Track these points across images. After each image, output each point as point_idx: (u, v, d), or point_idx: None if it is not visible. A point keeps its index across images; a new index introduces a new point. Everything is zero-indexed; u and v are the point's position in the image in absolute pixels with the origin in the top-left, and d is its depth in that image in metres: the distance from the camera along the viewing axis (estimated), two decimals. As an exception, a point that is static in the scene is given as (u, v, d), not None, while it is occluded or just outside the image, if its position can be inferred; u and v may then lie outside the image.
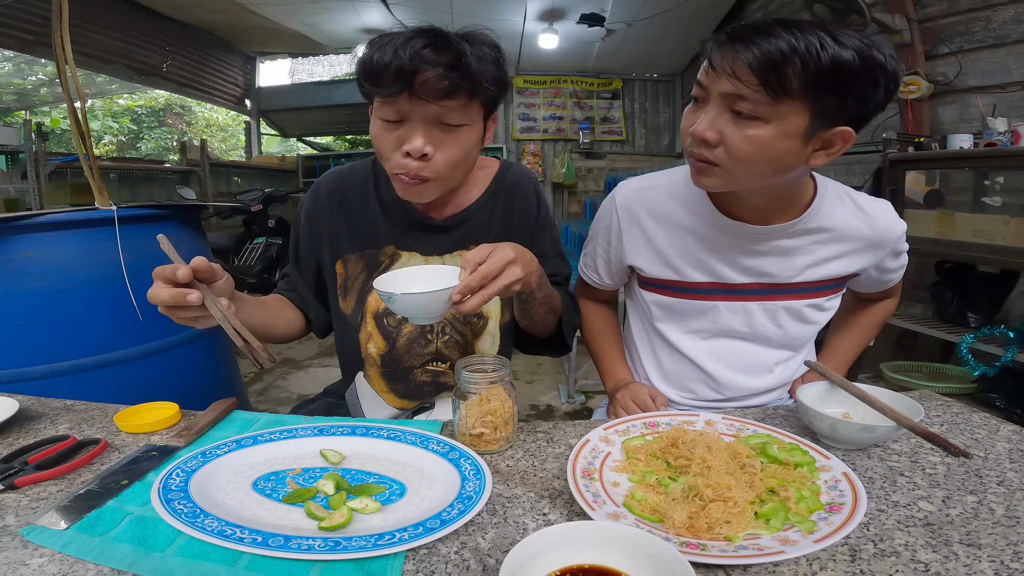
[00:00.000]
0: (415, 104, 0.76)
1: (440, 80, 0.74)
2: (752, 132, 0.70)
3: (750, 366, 0.99)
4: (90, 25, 3.98)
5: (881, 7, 2.68)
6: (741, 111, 0.70)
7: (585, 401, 3.04)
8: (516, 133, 6.43)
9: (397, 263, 0.96)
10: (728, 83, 0.69)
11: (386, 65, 0.74)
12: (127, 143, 8.41)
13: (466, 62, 0.75)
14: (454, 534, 0.57)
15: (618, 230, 0.98)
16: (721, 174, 0.76)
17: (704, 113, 0.74)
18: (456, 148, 0.81)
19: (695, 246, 0.93)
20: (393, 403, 1.01)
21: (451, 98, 0.76)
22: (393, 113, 0.78)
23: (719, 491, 0.58)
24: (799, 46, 0.64)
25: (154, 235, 0.78)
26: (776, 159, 0.72)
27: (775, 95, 0.67)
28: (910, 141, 2.43)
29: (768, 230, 0.88)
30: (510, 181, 1.00)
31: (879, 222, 0.91)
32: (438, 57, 0.74)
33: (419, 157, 0.79)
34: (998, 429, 0.80)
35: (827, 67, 0.65)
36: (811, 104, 0.68)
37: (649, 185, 0.97)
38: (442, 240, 0.97)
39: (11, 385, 1.39)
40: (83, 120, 1.57)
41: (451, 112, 0.78)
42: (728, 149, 0.72)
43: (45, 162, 3.19)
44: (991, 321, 2.15)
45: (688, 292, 0.96)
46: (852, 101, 0.69)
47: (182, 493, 0.61)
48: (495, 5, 4.47)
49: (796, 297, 0.94)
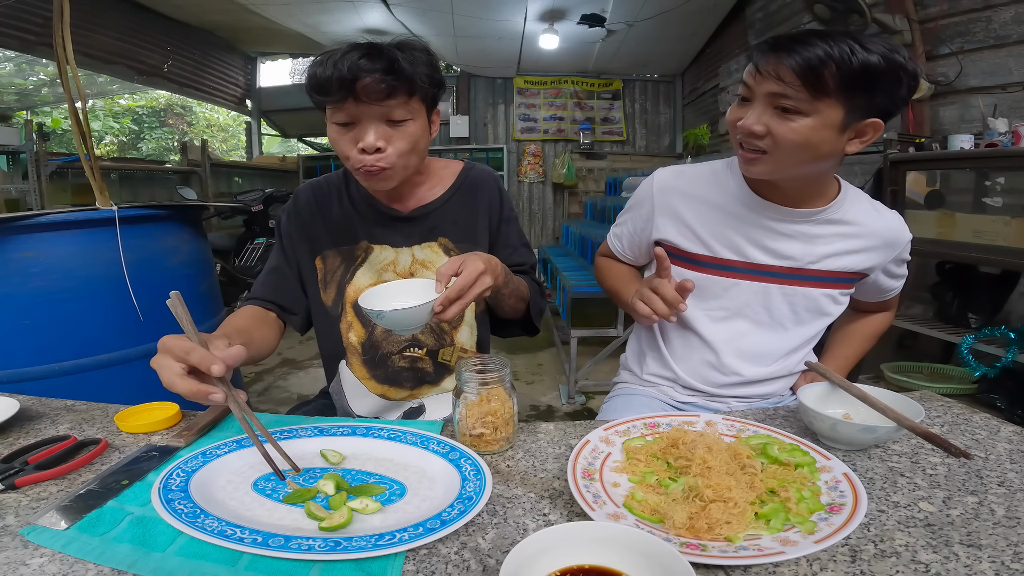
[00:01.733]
0: (361, 107, 0.87)
1: (378, 84, 0.85)
2: (796, 125, 0.81)
3: (758, 353, 1.02)
4: (91, 25, 3.99)
5: (882, 7, 2.68)
6: (786, 107, 0.80)
7: (585, 401, 3.04)
8: (516, 133, 6.44)
9: (371, 256, 1.05)
10: (774, 84, 0.80)
11: (329, 77, 0.84)
12: (128, 143, 8.42)
13: (399, 66, 0.86)
14: (454, 534, 0.57)
15: (651, 205, 1.04)
16: (769, 161, 0.86)
17: (751, 110, 0.84)
18: (404, 140, 0.91)
19: (724, 224, 0.98)
20: (374, 389, 1.06)
21: (391, 98, 0.87)
22: (344, 117, 0.89)
23: (719, 492, 0.58)
24: (834, 52, 0.75)
25: (155, 235, 0.78)
26: (816, 147, 0.82)
27: (815, 94, 0.78)
28: (911, 142, 2.43)
29: (796, 213, 0.95)
30: (472, 179, 1.10)
31: (892, 225, 0.98)
32: (373, 64, 0.84)
33: (373, 152, 0.89)
34: (999, 430, 0.80)
35: (857, 69, 0.75)
36: (845, 100, 0.78)
37: (687, 171, 1.05)
38: (411, 231, 1.06)
39: (11, 385, 1.39)
40: (84, 120, 1.57)
41: (394, 110, 0.89)
42: (775, 139, 0.83)
43: (46, 162, 3.20)
44: (992, 322, 2.14)
45: (713, 268, 0.99)
46: (880, 97, 0.79)
47: (182, 493, 0.61)
48: (495, 5, 4.47)
49: (814, 285, 0.98)
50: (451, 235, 1.06)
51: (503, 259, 1.05)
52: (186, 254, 1.80)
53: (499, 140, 6.47)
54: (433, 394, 1.07)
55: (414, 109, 0.91)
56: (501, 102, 6.45)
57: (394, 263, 1.05)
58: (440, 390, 1.07)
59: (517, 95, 6.41)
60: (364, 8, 4.62)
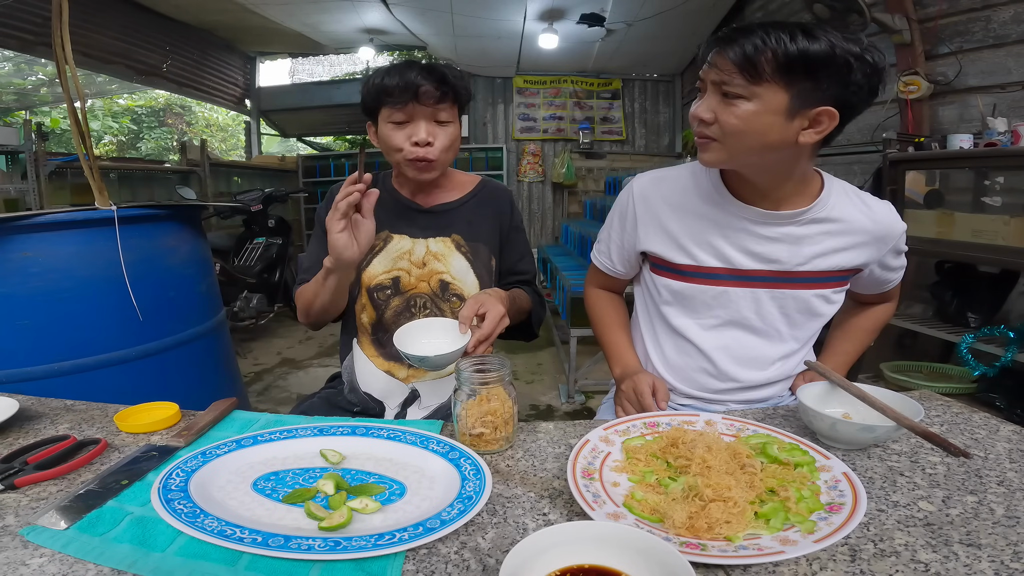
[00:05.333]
0: (418, 108, 1.05)
1: (435, 91, 1.04)
2: (738, 110, 0.83)
3: (753, 359, 1.01)
4: (90, 25, 3.98)
5: (881, 7, 2.67)
6: (727, 93, 0.83)
7: (585, 401, 3.04)
8: (516, 133, 6.43)
9: (389, 244, 1.16)
10: (716, 73, 0.84)
11: (397, 84, 1.04)
12: (127, 143, 8.41)
13: (449, 79, 1.06)
14: (454, 534, 0.57)
15: (633, 216, 1.04)
16: (718, 148, 0.88)
17: (703, 100, 0.88)
18: (447, 137, 1.09)
19: (707, 231, 0.98)
20: (381, 366, 1.16)
21: (442, 103, 1.06)
22: (402, 116, 1.06)
23: (719, 491, 0.58)
24: (769, 40, 0.78)
25: (154, 235, 0.79)
26: (762, 132, 0.83)
27: (751, 79, 0.80)
28: (910, 141, 2.43)
29: (779, 215, 0.94)
30: (488, 191, 1.24)
31: (882, 217, 0.96)
32: (432, 76, 1.05)
33: (424, 145, 1.06)
34: (998, 429, 0.80)
35: (795, 55, 0.77)
36: (786, 85, 0.80)
37: (665, 176, 1.05)
38: (428, 224, 1.17)
39: (11, 385, 1.39)
40: (83, 120, 1.57)
41: (442, 112, 1.07)
42: (721, 125, 0.85)
43: (45, 162, 3.19)
44: (991, 321, 2.14)
45: (699, 277, 0.99)
46: (828, 84, 0.80)
47: (182, 493, 0.61)
48: (495, 5, 4.47)
49: (804, 287, 0.97)
50: (464, 233, 1.17)
51: (509, 264, 1.23)
52: (185, 254, 1.80)
53: (498, 140, 6.46)
54: (428, 379, 1.14)
55: (455, 114, 1.10)
56: (500, 102, 6.45)
57: (410, 252, 1.14)
58: (435, 376, 1.14)
59: (516, 95, 6.40)
60: (363, 8, 4.61)
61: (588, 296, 1.20)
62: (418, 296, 1.14)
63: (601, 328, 1.15)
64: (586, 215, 5.55)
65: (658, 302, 1.05)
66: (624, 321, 1.16)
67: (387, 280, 1.13)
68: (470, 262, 1.15)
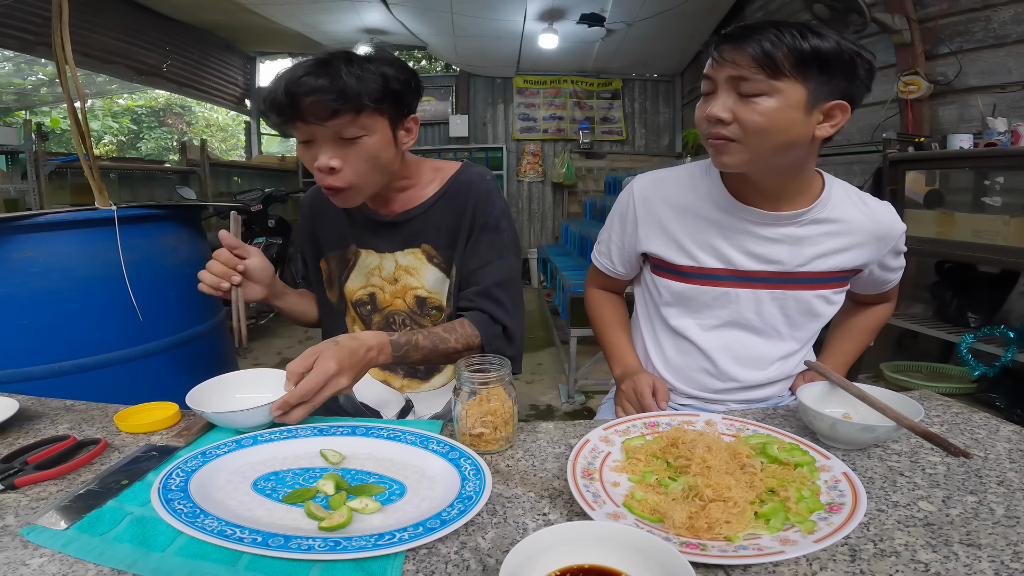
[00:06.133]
0: (312, 126, 0.86)
1: (319, 104, 0.82)
2: (760, 107, 0.81)
3: (753, 358, 1.01)
4: (90, 25, 3.98)
5: (881, 7, 2.67)
6: (747, 92, 0.81)
7: (585, 401, 3.04)
8: (516, 133, 6.43)
9: (359, 260, 1.08)
10: (732, 69, 0.81)
11: (273, 99, 0.85)
12: (127, 143, 8.41)
13: (342, 84, 0.82)
14: (454, 534, 0.57)
15: (634, 217, 1.03)
16: (739, 149, 0.85)
17: (716, 99, 0.85)
18: (359, 157, 0.89)
19: (708, 232, 0.97)
20: (376, 376, 1.14)
21: (336, 117, 0.84)
22: (303, 135, 0.88)
23: (719, 491, 0.58)
24: (784, 36, 0.78)
25: (154, 235, 0.79)
26: (784, 128, 0.82)
27: (771, 74, 0.79)
28: (910, 141, 2.43)
29: (780, 216, 0.93)
30: (462, 182, 1.04)
31: (883, 218, 0.96)
32: (316, 83, 0.82)
33: (328, 171, 0.88)
34: (998, 429, 0.80)
35: (809, 52, 0.78)
36: (804, 81, 0.80)
37: (665, 176, 1.04)
38: (393, 236, 1.05)
39: (11, 385, 1.39)
40: (83, 120, 1.57)
41: (344, 128, 0.86)
42: (741, 124, 0.82)
43: (45, 162, 3.19)
44: (991, 321, 2.14)
45: (700, 278, 0.98)
46: (839, 79, 0.81)
47: (182, 493, 0.61)
48: (495, 5, 4.47)
49: (805, 287, 0.97)
50: (434, 242, 1.04)
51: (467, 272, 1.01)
52: (185, 254, 1.79)
53: (498, 140, 6.46)
54: (423, 391, 1.12)
55: (367, 124, 0.87)
56: (500, 102, 6.45)
57: (379, 268, 1.07)
58: (429, 387, 1.12)
59: (516, 95, 6.41)
60: (363, 8, 4.61)
61: (588, 296, 1.20)
62: (396, 314, 1.08)
63: (601, 328, 1.15)
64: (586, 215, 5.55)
65: (658, 303, 1.05)
66: (624, 321, 1.16)
67: (365, 296, 1.10)
68: (445, 272, 1.05)
